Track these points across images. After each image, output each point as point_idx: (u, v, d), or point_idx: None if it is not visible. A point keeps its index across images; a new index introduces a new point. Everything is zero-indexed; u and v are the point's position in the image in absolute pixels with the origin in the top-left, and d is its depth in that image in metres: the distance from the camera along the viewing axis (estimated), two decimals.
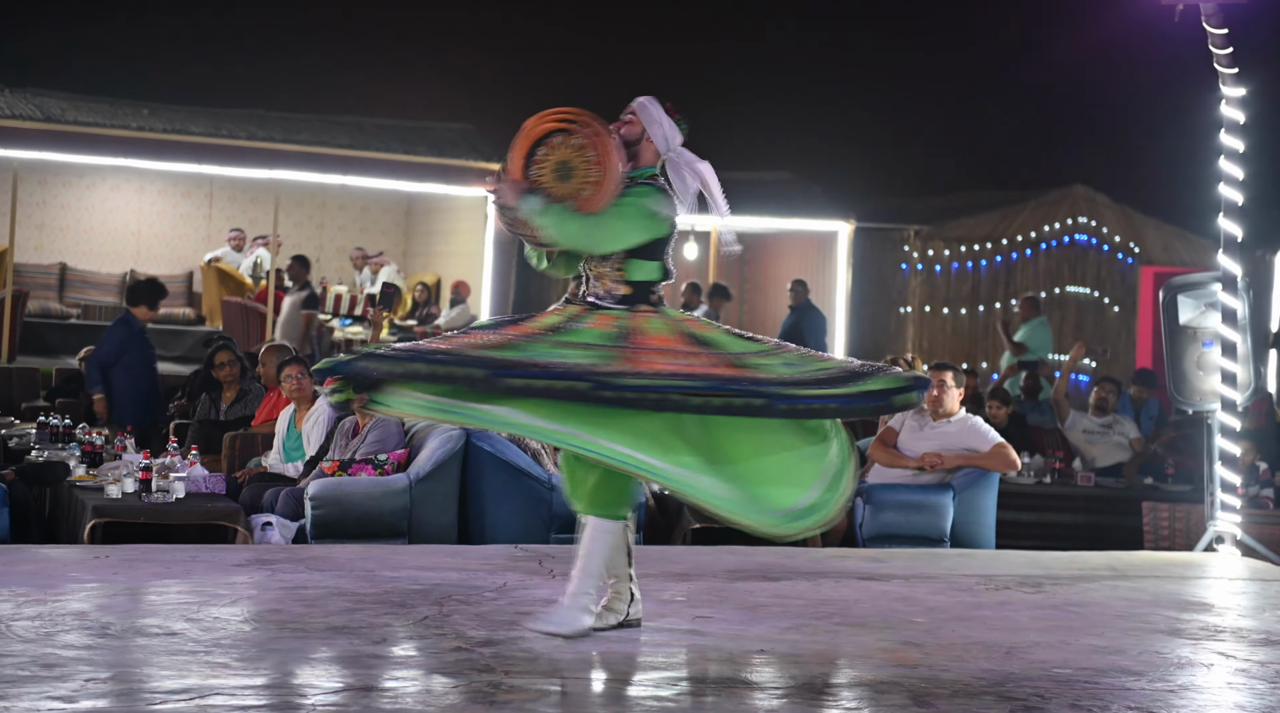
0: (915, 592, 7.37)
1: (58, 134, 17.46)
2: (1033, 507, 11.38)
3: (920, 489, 9.76)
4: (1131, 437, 12.62)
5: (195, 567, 7.15)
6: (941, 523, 9.66)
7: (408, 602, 6.44)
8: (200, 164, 18.52)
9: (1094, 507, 11.59)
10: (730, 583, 7.35)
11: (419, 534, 9.00)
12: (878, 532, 9.62)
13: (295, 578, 6.94)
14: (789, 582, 7.47)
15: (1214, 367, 9.70)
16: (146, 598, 6.34)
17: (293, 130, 19.05)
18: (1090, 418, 12.77)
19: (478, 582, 7.03)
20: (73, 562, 7.20)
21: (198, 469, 9.31)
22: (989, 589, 7.53)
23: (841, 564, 8.21)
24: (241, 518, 8.68)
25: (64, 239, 20.91)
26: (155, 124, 18.18)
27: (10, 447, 10.86)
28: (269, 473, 9.90)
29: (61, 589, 6.39)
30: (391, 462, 9.16)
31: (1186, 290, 10.08)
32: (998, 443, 9.84)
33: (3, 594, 6.22)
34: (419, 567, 7.40)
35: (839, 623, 6.44)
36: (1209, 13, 9.17)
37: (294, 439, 9.98)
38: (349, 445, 9.39)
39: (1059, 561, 8.75)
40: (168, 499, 8.66)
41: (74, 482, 9.27)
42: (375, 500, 8.92)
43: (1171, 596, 7.66)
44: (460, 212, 19.99)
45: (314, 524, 8.76)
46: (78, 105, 18.58)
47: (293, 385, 10.03)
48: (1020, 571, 8.22)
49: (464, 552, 8.21)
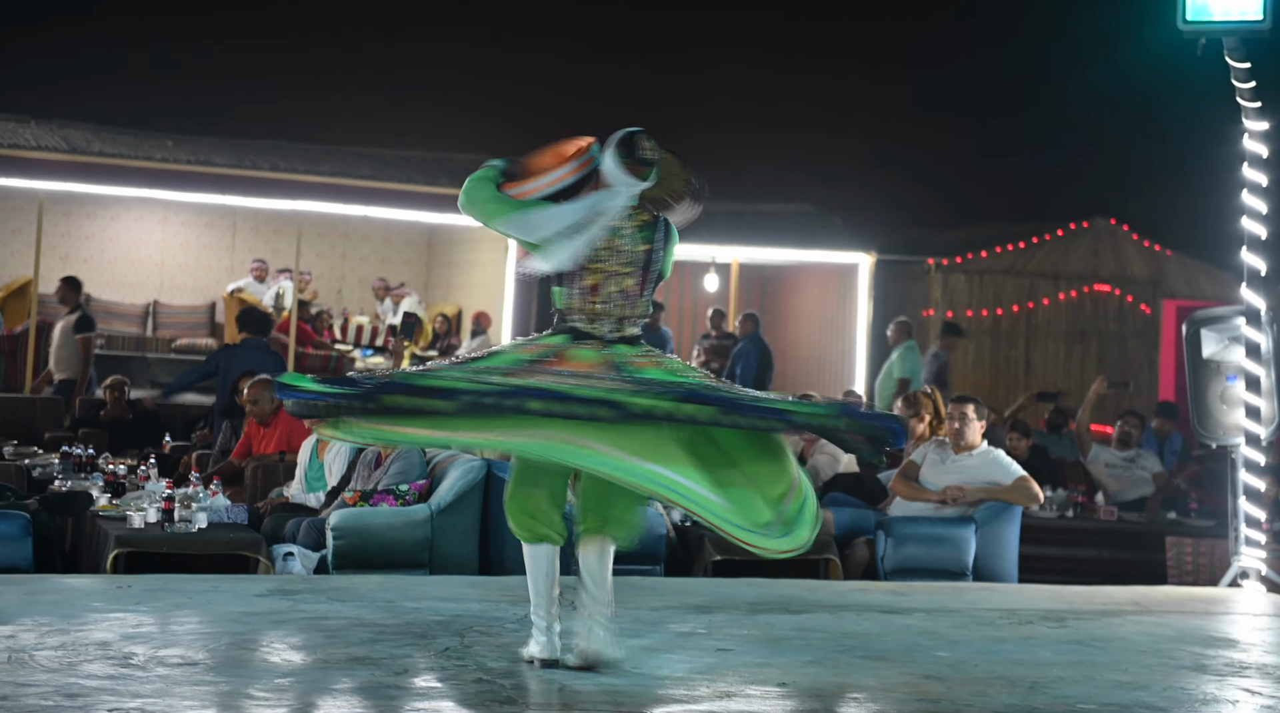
0: (937, 625, 7.34)
1: (83, 165, 17.54)
2: (1055, 541, 11.34)
3: (942, 522, 9.73)
4: (1154, 471, 12.58)
5: (217, 597, 7.16)
6: (963, 556, 9.63)
7: (429, 633, 6.44)
8: (224, 195, 18.59)
9: (1117, 541, 11.55)
10: (751, 615, 7.33)
11: (440, 565, 8.99)
12: (899, 565, 9.59)
13: (317, 609, 6.94)
14: (810, 614, 7.45)
15: (1238, 401, 9.67)
16: (169, 628, 6.34)
17: (315, 162, 19.12)
18: (1113, 452, 12.73)
19: (499, 613, 7.02)
20: (95, 592, 7.21)
21: (220, 499, 9.32)
22: (1012, 624, 7.50)
23: (863, 597, 8.18)
24: (263, 548, 8.68)
25: (88, 270, 20.96)
26: (179, 155, 18.27)
27: (34, 476, 10.88)
28: (291, 503, 9.90)
29: (84, 619, 6.40)
30: (413, 492, 9.16)
31: (1210, 324, 10.05)
32: (1020, 476, 9.81)
33: (26, 624, 6.23)
34: (440, 597, 7.39)
35: (861, 656, 6.41)
36: (1231, 46, 9.17)
37: (316, 470, 9.99)
38: (371, 476, 9.40)
39: (1082, 595, 8.71)
40: (190, 529, 8.67)
41: (97, 511, 9.29)
42: (397, 531, 8.91)
43: (1196, 631, 7.62)
44: (481, 243, 20.02)
45: (335, 555, 8.76)
46: (103, 137, 18.67)
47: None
48: (1043, 605, 8.19)
49: (485, 583, 8.20)
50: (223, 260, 21.54)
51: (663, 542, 9.26)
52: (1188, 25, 9.17)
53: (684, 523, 9.62)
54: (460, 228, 20.22)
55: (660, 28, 29.09)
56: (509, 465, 5.99)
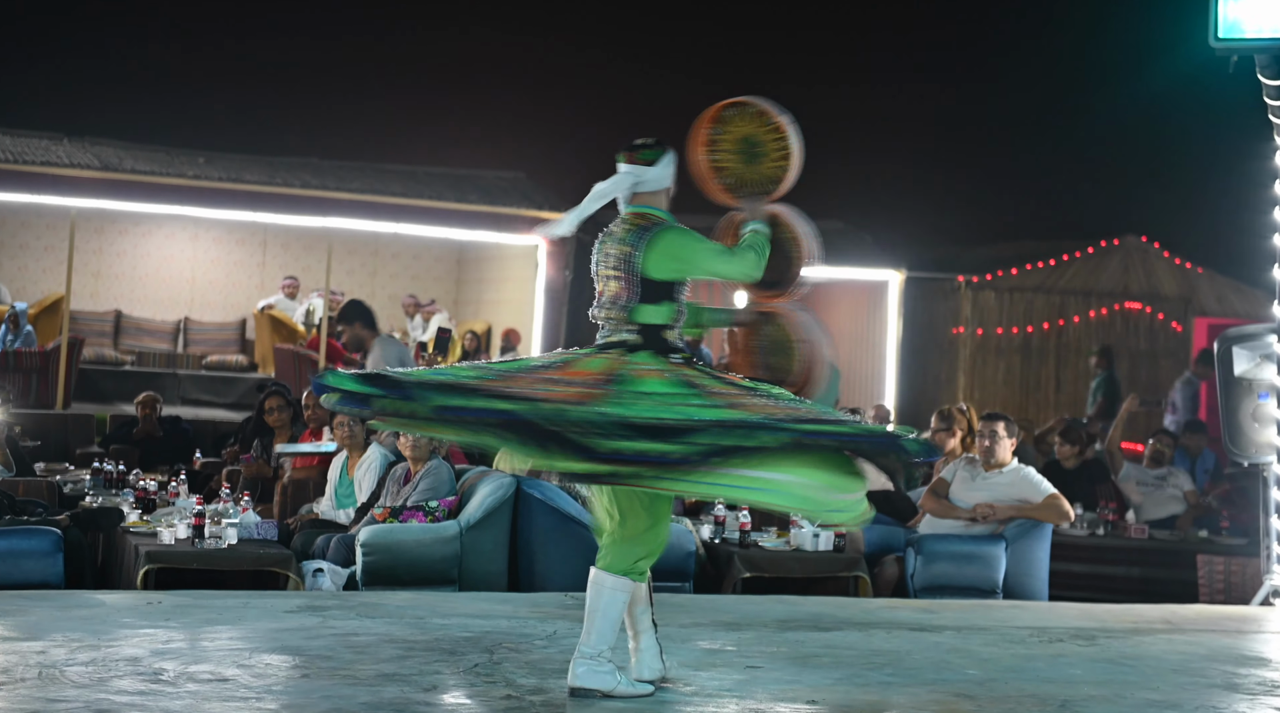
0: (967, 643, 7.32)
1: (115, 183, 17.64)
2: (1086, 559, 11.28)
3: (972, 540, 9.70)
4: (1186, 489, 12.52)
5: (247, 613, 7.18)
6: (994, 574, 9.59)
7: (458, 649, 6.44)
8: (254, 212, 18.67)
9: (1148, 559, 11.48)
10: (781, 633, 7.32)
11: (469, 581, 9.00)
12: (929, 582, 9.56)
13: (346, 625, 6.95)
14: (840, 632, 7.44)
15: (1270, 419, 9.62)
16: (199, 644, 6.36)
17: (346, 179, 19.20)
18: (1144, 470, 12.67)
19: (528, 629, 7.02)
20: (126, 608, 7.23)
21: (250, 515, 9.34)
22: (1042, 642, 7.47)
23: (893, 615, 8.16)
24: (293, 565, 8.70)
25: (119, 286, 21.10)
26: (210, 173, 18.36)
27: (65, 493, 10.93)
28: (320, 520, 9.92)
29: (115, 635, 6.42)
30: (442, 509, 9.17)
31: (1242, 342, 10.00)
32: (1051, 494, 9.77)
33: (57, 640, 6.25)
34: (469, 614, 7.40)
35: (891, 674, 6.40)
36: (1263, 63, 9.14)
37: (346, 486, 10.01)
38: (400, 492, 9.42)
39: (1113, 613, 8.68)
40: (220, 545, 8.69)
41: (127, 527, 9.32)
42: (426, 547, 8.92)
43: (1228, 650, 7.58)
44: (511, 259, 20.07)
45: (365, 571, 8.77)
46: (134, 154, 18.78)
47: (344, 432, 10.05)
48: (1073, 623, 8.16)
49: (514, 599, 8.21)
50: (253, 277, 21.64)
51: (692, 559, 9.25)
52: (1219, 43, 9.14)
53: (714, 540, 9.62)
54: (490, 245, 20.27)
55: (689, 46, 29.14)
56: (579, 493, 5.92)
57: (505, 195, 19.32)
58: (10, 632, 6.42)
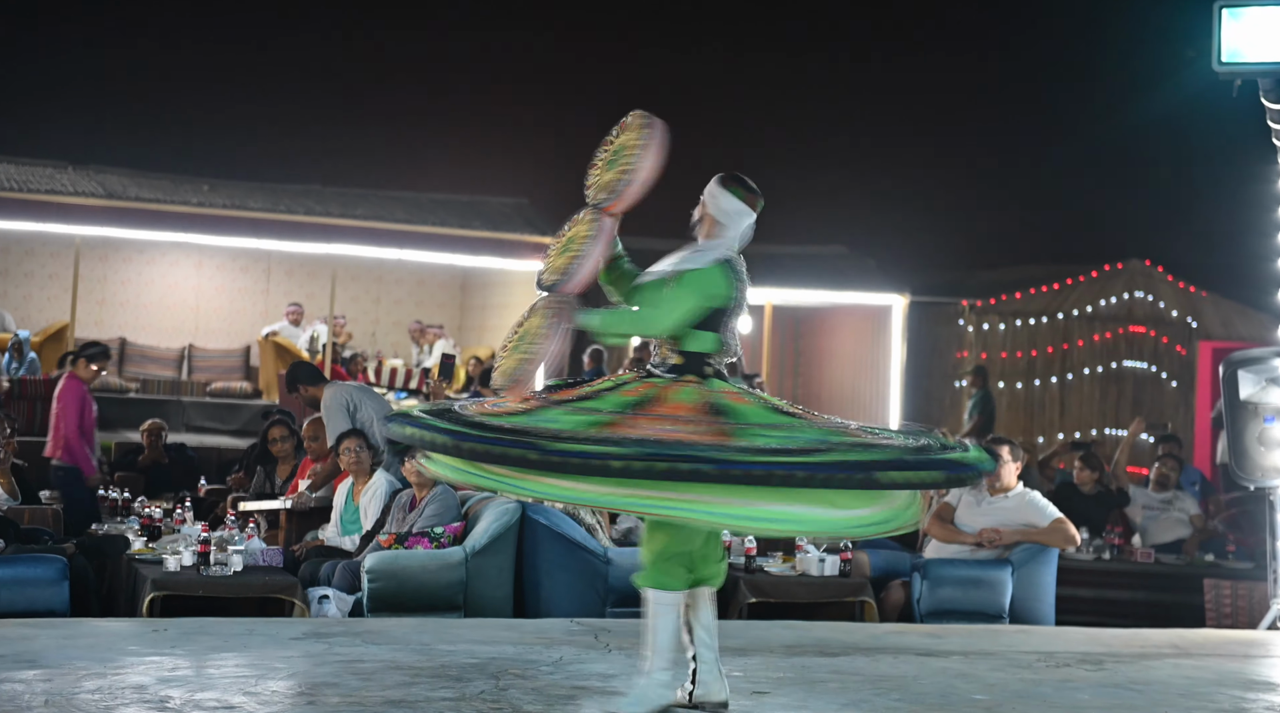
0: (974, 668, 7.30)
1: (119, 210, 17.67)
2: (1092, 583, 11.26)
3: (979, 565, 9.68)
4: (1192, 513, 12.50)
5: (252, 640, 7.17)
6: (1000, 599, 9.58)
7: (464, 676, 6.43)
8: (259, 239, 18.70)
9: (1155, 584, 11.45)
10: (787, 658, 7.30)
11: (475, 607, 8.99)
12: (936, 607, 9.54)
13: (351, 652, 6.94)
14: (847, 657, 7.42)
15: (1276, 443, 9.61)
16: (205, 671, 6.35)
17: (350, 206, 19.24)
18: (1150, 494, 12.65)
19: (534, 656, 7.01)
20: (132, 635, 7.22)
21: (255, 542, 9.34)
22: (1049, 667, 7.45)
23: (900, 640, 8.14)
24: (298, 591, 8.69)
25: (124, 314, 21.12)
26: (215, 200, 18.39)
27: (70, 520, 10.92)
28: (326, 546, 9.92)
29: (121, 663, 6.41)
30: (448, 535, 9.17)
31: (1247, 365, 10.00)
32: (1057, 518, 9.76)
33: (63, 668, 6.24)
34: (475, 640, 7.39)
35: (898, 699, 6.38)
36: (1267, 87, 9.16)
37: (351, 512, 10.00)
38: (405, 518, 9.41)
39: (1120, 638, 8.66)
40: (225, 572, 8.69)
41: (133, 555, 9.32)
42: (431, 574, 8.92)
43: (1235, 675, 7.56)
44: (515, 285, 20.08)
45: (370, 597, 8.77)
46: (139, 182, 18.82)
47: (351, 458, 10.05)
48: (1081, 648, 8.14)
49: (520, 625, 8.20)
50: (257, 304, 21.66)
51: None
52: (1223, 67, 9.17)
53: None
54: (494, 271, 20.30)
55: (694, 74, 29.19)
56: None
57: (509, 221, 19.35)
58: (17, 660, 6.41)
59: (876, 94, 29.31)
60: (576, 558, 9.15)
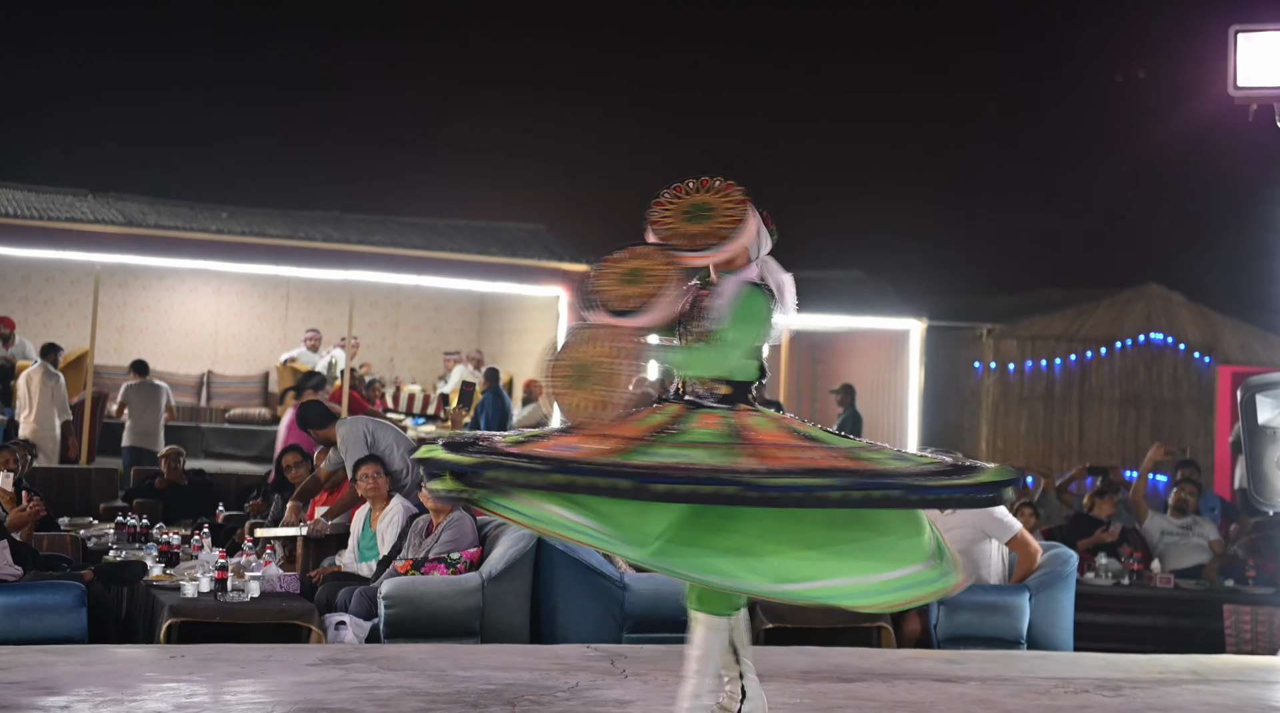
0: (992, 694, 7.28)
1: (138, 238, 17.72)
2: (1111, 609, 11.22)
3: (996, 590, 9.66)
4: (1211, 538, 12.45)
5: (270, 666, 7.17)
6: (1018, 624, 9.55)
7: (480, 702, 6.42)
8: (277, 266, 18.75)
9: (1174, 609, 11.41)
10: (804, 683, 7.28)
11: (491, 633, 8.98)
12: (953, 633, 9.52)
13: (368, 678, 6.94)
14: (864, 683, 7.40)
15: None
16: (222, 698, 6.35)
17: (368, 232, 19.28)
18: (1169, 519, 12.61)
19: (550, 682, 7.00)
20: (149, 661, 7.23)
21: (272, 569, 9.35)
22: (1067, 692, 7.42)
23: (917, 666, 8.12)
24: (315, 617, 8.69)
25: (143, 341, 21.18)
26: (234, 227, 18.45)
27: (88, 547, 10.95)
28: (343, 572, 9.92)
29: (138, 689, 6.42)
30: (464, 560, 9.17)
31: (1265, 390, 9.96)
32: (1017, 531, 9.77)
33: (80, 694, 6.25)
34: (491, 666, 7.38)
35: None
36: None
37: (368, 538, 10.01)
38: (422, 544, 9.41)
39: (1139, 664, 8.62)
40: (243, 598, 8.69)
41: (150, 581, 9.33)
42: (448, 599, 8.92)
43: (1256, 700, 7.52)
44: (532, 311, 20.11)
45: (387, 623, 8.77)
46: (158, 209, 18.90)
47: (369, 485, 10.06)
48: (1099, 673, 8.11)
49: (536, 651, 8.19)
50: (276, 330, 21.72)
51: None
52: (1239, 91, 9.16)
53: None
54: (511, 296, 20.33)
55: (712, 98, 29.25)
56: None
57: (526, 247, 19.38)
58: (35, 687, 6.42)
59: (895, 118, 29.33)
60: (593, 584, 9.15)
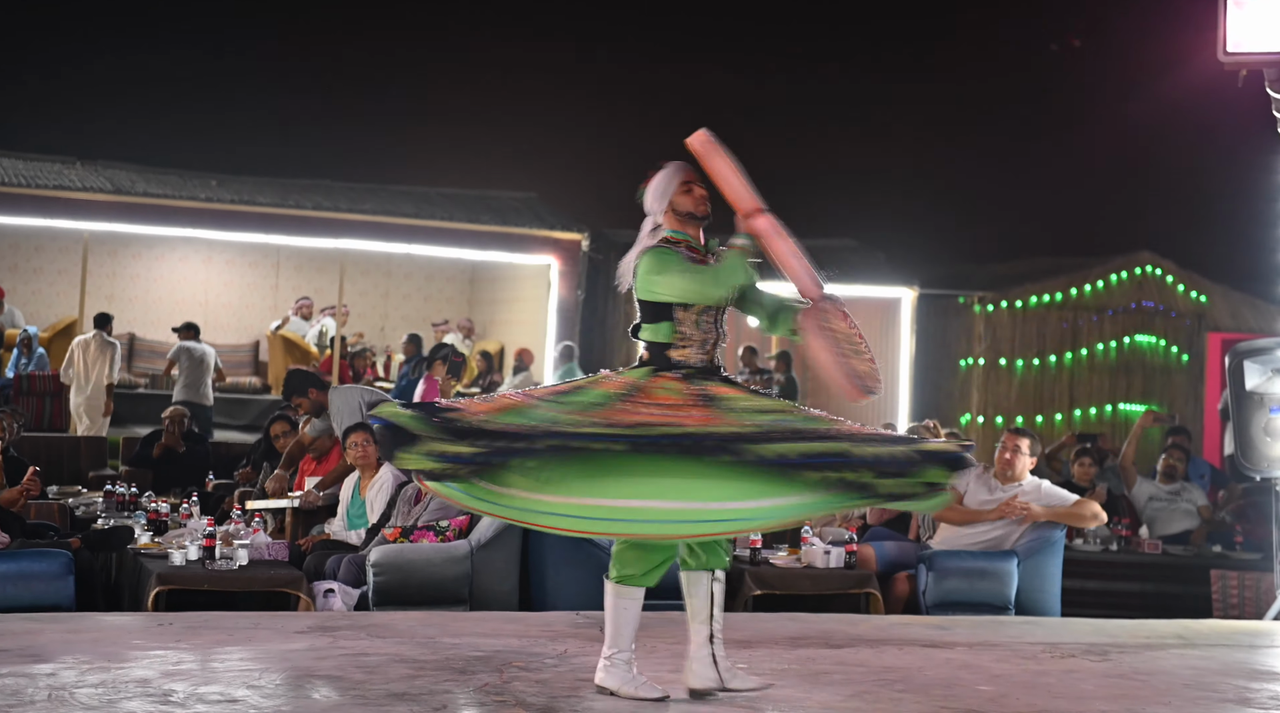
0: (979, 659, 7.29)
1: (127, 206, 17.70)
2: (1099, 574, 11.26)
3: (985, 556, 9.68)
4: (1199, 504, 12.48)
5: (258, 634, 7.17)
6: (1006, 590, 9.57)
7: (469, 669, 6.43)
8: (267, 234, 18.73)
9: (1161, 575, 11.45)
10: (792, 650, 7.30)
11: (480, 601, 9.00)
12: (941, 599, 9.54)
13: (356, 645, 6.94)
14: (851, 649, 7.42)
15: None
16: (209, 665, 6.35)
17: (358, 200, 19.25)
18: (1157, 485, 12.64)
19: (539, 649, 7.01)
20: (136, 629, 7.23)
21: (260, 536, 9.35)
22: (1054, 657, 7.44)
23: (905, 631, 8.14)
24: (304, 585, 8.70)
25: (132, 310, 21.15)
26: (223, 195, 18.41)
27: (76, 516, 10.95)
28: (331, 540, 9.93)
29: (125, 657, 6.42)
30: (453, 528, 9.18)
31: (1253, 356, 9.98)
32: (1078, 500, 9.80)
33: (67, 662, 6.25)
34: (480, 633, 7.39)
35: (902, 691, 6.37)
36: (1272, 78, 9.14)
37: (357, 506, 10.01)
38: (411, 512, 9.42)
39: (1125, 629, 8.64)
40: (231, 566, 8.70)
41: (138, 549, 9.33)
42: (437, 567, 8.93)
43: (1241, 665, 7.54)
44: (524, 279, 20.09)
45: (376, 591, 8.78)
46: (147, 177, 18.85)
47: (358, 452, 10.06)
48: (1086, 639, 8.13)
49: (525, 618, 8.20)
50: (266, 299, 21.68)
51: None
52: (1228, 57, 9.14)
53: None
54: (502, 265, 20.31)
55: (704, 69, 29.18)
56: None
57: (517, 216, 19.35)
58: (21, 654, 6.42)
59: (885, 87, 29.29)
60: (581, 551, 9.15)
